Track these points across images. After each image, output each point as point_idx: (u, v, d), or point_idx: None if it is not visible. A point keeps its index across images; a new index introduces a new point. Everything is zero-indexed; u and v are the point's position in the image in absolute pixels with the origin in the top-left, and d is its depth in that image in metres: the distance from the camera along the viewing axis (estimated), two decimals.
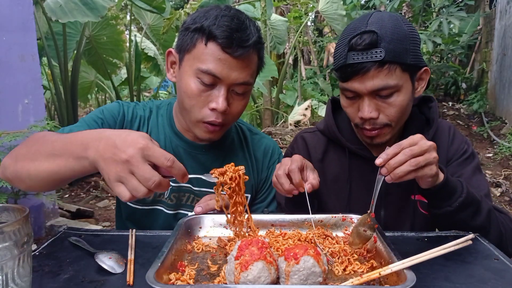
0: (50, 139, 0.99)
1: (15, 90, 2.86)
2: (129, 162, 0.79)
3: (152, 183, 0.79)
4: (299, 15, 7.84)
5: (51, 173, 0.94)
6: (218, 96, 1.15)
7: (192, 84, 1.16)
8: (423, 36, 5.81)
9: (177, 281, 0.83)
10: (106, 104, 1.41)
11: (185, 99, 1.19)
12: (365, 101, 1.14)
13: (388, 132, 1.18)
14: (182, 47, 1.20)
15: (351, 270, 0.90)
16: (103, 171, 0.83)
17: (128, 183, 0.80)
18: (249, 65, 1.18)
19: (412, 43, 1.13)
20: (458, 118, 7.55)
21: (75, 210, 3.82)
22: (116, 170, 0.80)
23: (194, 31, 1.16)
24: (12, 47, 2.85)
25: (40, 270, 0.90)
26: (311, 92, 7.90)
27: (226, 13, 1.16)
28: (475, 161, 1.29)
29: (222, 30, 1.12)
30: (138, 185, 0.79)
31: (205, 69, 1.13)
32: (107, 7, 3.91)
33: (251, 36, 1.16)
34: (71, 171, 0.91)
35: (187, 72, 1.18)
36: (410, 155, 0.93)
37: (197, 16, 1.20)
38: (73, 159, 0.90)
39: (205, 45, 1.13)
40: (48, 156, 0.94)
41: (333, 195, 1.33)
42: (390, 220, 1.25)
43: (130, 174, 0.80)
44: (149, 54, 6.26)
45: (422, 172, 0.95)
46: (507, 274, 0.87)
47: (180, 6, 11.82)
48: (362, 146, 1.31)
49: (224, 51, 1.12)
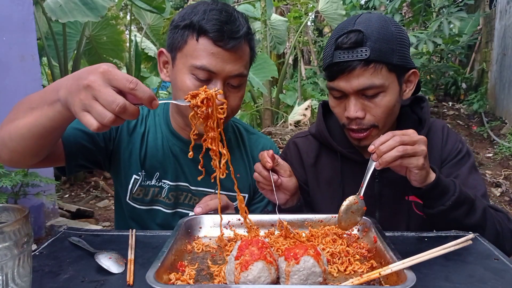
0: (29, 97, 0.99)
1: (15, 90, 2.86)
2: (91, 86, 0.77)
3: (116, 106, 0.76)
4: (299, 15, 7.84)
5: (29, 126, 0.93)
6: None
7: (188, 81, 1.16)
8: (423, 36, 5.81)
9: (177, 281, 0.83)
10: None
11: (181, 96, 1.17)
12: (351, 101, 1.15)
13: (375, 134, 1.19)
14: (173, 46, 1.20)
15: (351, 270, 0.90)
16: (70, 106, 0.82)
17: (93, 110, 0.78)
18: (242, 57, 1.19)
19: (399, 44, 1.13)
20: (458, 118, 7.55)
21: (75, 210, 3.82)
22: (80, 99, 0.78)
23: (184, 28, 1.16)
24: (12, 47, 2.85)
25: (40, 270, 0.90)
26: (311, 92, 7.90)
27: (214, 6, 1.17)
28: (471, 160, 1.29)
29: (212, 24, 1.12)
30: (103, 110, 0.77)
31: (199, 65, 1.13)
32: (107, 7, 3.90)
33: (241, 27, 1.16)
34: (48, 119, 0.91)
35: (181, 70, 1.18)
36: (399, 141, 0.97)
37: (185, 13, 1.19)
38: (48, 105, 0.89)
39: (196, 40, 1.14)
40: (26, 111, 0.94)
41: (327, 199, 1.34)
42: (385, 221, 1.26)
43: (94, 100, 0.78)
44: (149, 54, 6.28)
45: (409, 161, 0.98)
46: (507, 274, 0.87)
47: (180, 6, 11.82)
48: (353, 150, 1.32)
49: (216, 44, 1.13)
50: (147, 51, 6.23)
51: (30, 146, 0.98)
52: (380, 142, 0.99)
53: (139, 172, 1.33)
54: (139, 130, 1.33)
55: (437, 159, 1.28)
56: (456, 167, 1.26)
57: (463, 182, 1.21)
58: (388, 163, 0.98)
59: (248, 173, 1.41)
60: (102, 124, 0.78)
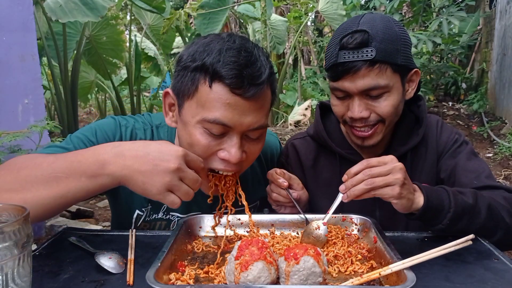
0: (44, 162, 0.91)
1: (15, 90, 2.86)
2: (180, 169, 0.86)
3: (198, 184, 0.88)
4: (299, 15, 7.84)
5: (56, 197, 0.88)
6: (231, 145, 0.99)
7: (199, 136, 0.99)
8: (423, 36, 5.81)
9: (177, 281, 0.83)
10: (100, 120, 1.22)
11: (190, 149, 1.02)
12: (356, 101, 1.14)
13: (380, 131, 1.18)
14: (182, 91, 1.00)
15: (352, 270, 0.90)
16: (144, 185, 0.86)
17: (180, 190, 0.86)
18: (263, 105, 1.01)
19: (403, 44, 1.13)
20: (458, 118, 7.54)
21: (75, 210, 3.81)
22: (165, 181, 0.85)
23: (195, 71, 0.97)
24: (12, 47, 2.85)
25: (40, 270, 0.90)
26: (311, 92, 7.90)
27: (231, 45, 0.97)
28: (468, 147, 1.28)
29: (229, 68, 0.93)
30: (188, 189, 0.87)
31: (213, 119, 0.95)
32: (107, 7, 3.90)
33: (263, 69, 0.97)
34: (84, 191, 0.89)
35: (190, 122, 1.00)
36: (368, 175, 0.94)
37: (195, 51, 0.99)
38: (87, 178, 0.87)
39: (209, 87, 0.95)
40: (50, 180, 0.87)
41: (326, 200, 1.33)
42: (385, 220, 1.26)
43: (180, 181, 0.87)
44: (149, 54, 6.27)
45: (381, 192, 0.94)
46: (507, 274, 0.87)
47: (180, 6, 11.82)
48: (352, 151, 1.31)
49: (233, 93, 0.94)
50: (147, 51, 6.23)
51: (52, 213, 0.93)
52: (350, 176, 0.97)
53: (143, 208, 1.21)
54: None
55: (433, 153, 1.28)
56: (453, 156, 1.26)
57: (463, 168, 1.20)
58: (356, 196, 0.95)
59: (262, 181, 1.34)
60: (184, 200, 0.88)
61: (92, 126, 1.16)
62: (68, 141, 1.11)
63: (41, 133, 2.42)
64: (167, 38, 6.05)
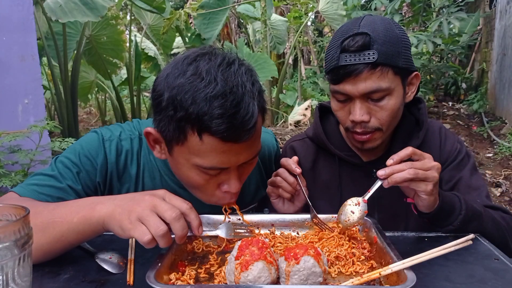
0: (44, 210, 0.93)
1: (15, 90, 2.86)
2: (156, 201, 0.85)
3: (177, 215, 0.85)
4: (299, 15, 7.84)
5: (52, 242, 0.91)
6: (230, 178, 0.99)
7: (196, 177, 0.98)
8: (423, 36, 5.81)
9: (177, 281, 0.83)
10: (83, 137, 1.18)
11: (188, 187, 1.06)
12: (357, 104, 1.13)
13: (379, 137, 1.19)
14: (168, 137, 0.95)
15: (352, 271, 0.90)
16: (119, 216, 0.85)
17: (150, 222, 0.83)
18: (257, 138, 0.99)
19: (404, 47, 1.13)
20: (458, 118, 7.54)
21: None
22: (137, 210, 0.84)
23: (180, 121, 0.90)
24: (12, 47, 2.85)
25: (40, 270, 0.90)
26: (311, 92, 7.90)
27: (215, 88, 0.87)
28: (471, 161, 1.29)
29: (219, 122, 0.86)
30: (159, 222, 0.83)
31: (209, 166, 0.94)
32: (107, 7, 3.90)
33: (252, 106, 0.90)
34: (75, 233, 0.90)
35: (184, 164, 0.98)
36: (412, 165, 0.97)
37: (174, 95, 0.89)
38: (78, 219, 0.89)
39: (199, 139, 0.90)
40: (48, 226, 0.90)
41: (325, 202, 1.33)
42: (385, 223, 1.26)
43: (154, 213, 0.84)
44: (149, 54, 6.27)
45: (418, 185, 0.98)
46: (507, 274, 0.87)
47: (180, 6, 11.81)
48: (351, 153, 1.31)
49: (226, 141, 0.90)
50: (147, 51, 6.22)
51: (53, 256, 0.95)
52: (398, 160, 0.99)
53: None
54: (130, 171, 1.17)
55: (435, 161, 1.28)
56: (458, 170, 1.26)
57: (467, 184, 1.21)
58: (397, 183, 0.97)
59: (260, 186, 1.36)
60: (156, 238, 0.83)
61: (76, 146, 1.14)
62: (53, 167, 1.11)
63: (41, 133, 2.42)
64: (167, 38, 6.05)
